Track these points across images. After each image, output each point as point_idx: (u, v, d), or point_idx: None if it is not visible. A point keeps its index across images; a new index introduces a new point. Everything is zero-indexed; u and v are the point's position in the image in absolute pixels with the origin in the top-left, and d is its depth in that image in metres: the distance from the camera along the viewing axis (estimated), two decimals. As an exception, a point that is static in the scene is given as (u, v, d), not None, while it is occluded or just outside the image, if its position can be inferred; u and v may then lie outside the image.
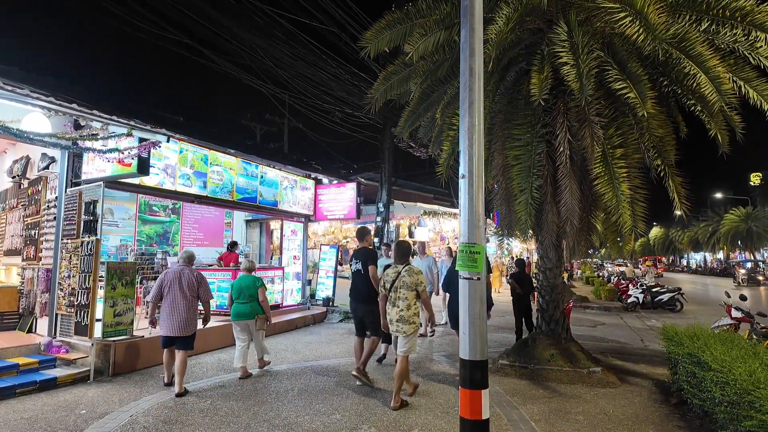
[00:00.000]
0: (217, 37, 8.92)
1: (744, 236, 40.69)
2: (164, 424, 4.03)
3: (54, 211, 6.44)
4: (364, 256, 5.21)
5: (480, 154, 2.79)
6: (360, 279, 5.18)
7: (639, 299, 13.38)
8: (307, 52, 9.45)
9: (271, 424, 4.06)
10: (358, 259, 5.28)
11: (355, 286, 5.32)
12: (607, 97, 5.27)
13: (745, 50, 4.91)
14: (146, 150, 5.85)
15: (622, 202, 4.99)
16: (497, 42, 4.72)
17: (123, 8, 8.01)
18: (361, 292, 5.16)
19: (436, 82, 6.28)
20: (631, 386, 5.36)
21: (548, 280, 6.20)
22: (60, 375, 5.23)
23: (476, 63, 2.82)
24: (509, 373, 5.72)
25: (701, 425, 4.12)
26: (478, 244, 2.76)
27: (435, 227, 19.50)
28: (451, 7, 5.49)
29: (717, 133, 5.33)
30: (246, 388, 5.12)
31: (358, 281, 5.25)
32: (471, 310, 2.75)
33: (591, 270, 28.65)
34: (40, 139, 5.46)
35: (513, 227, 6.10)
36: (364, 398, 4.78)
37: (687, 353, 4.51)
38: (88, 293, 5.62)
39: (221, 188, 8.44)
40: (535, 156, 5.42)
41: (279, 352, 6.88)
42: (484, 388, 2.68)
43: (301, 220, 11.05)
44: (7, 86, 4.86)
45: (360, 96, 9.41)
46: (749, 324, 6.58)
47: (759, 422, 3.06)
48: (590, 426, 4.12)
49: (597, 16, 5.00)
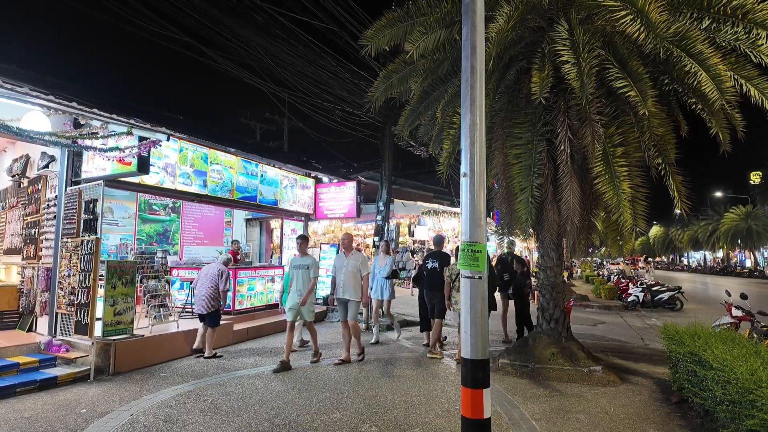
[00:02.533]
0: (218, 35, 8.90)
1: (744, 235, 40.71)
2: (165, 423, 4.03)
3: (54, 209, 6.43)
4: (440, 258, 6.82)
5: (482, 153, 2.79)
6: (436, 275, 6.67)
7: (639, 298, 13.39)
8: (308, 50, 9.44)
9: (271, 423, 4.06)
10: (435, 259, 6.83)
11: (431, 280, 6.72)
12: (608, 95, 5.26)
13: (746, 48, 4.90)
14: (146, 149, 5.84)
15: (623, 201, 4.98)
16: (498, 40, 4.71)
17: (123, 6, 7.99)
18: (437, 284, 6.63)
19: (437, 81, 6.27)
20: (632, 385, 5.36)
21: (549, 278, 6.19)
22: (60, 374, 5.22)
23: (478, 61, 2.81)
24: (510, 372, 5.72)
25: (702, 424, 4.12)
26: (479, 242, 2.75)
27: (435, 226, 19.48)
28: (451, 5, 5.47)
29: (718, 131, 5.33)
30: (246, 386, 5.12)
31: (434, 276, 6.69)
32: (473, 308, 2.74)
33: (591, 269, 28.66)
34: (39, 138, 5.45)
35: (513, 226, 6.10)
36: (365, 397, 4.77)
37: (688, 352, 4.51)
38: (89, 292, 5.61)
39: (221, 187, 8.44)
40: (535, 154, 5.41)
41: (278, 352, 6.87)
42: (485, 387, 2.68)
43: (301, 218, 11.05)
44: (6, 84, 4.85)
45: (360, 95, 9.40)
46: (750, 322, 6.58)
47: (761, 421, 3.06)
48: (591, 425, 4.12)
49: (598, 15, 4.99)
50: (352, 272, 6.24)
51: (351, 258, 6.34)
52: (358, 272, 6.28)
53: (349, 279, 6.21)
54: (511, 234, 6.65)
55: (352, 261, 6.32)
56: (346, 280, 6.21)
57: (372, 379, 5.42)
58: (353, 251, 6.47)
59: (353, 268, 6.26)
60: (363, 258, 6.47)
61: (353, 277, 6.22)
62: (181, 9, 8.05)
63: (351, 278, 6.21)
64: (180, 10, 8.01)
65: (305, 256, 6.25)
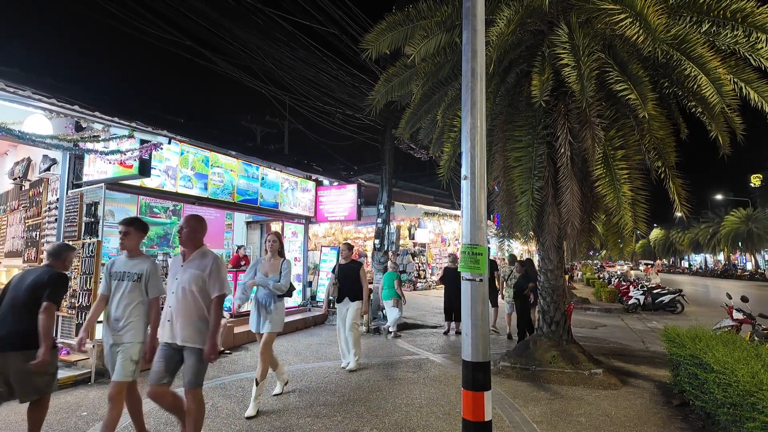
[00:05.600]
0: (218, 38, 8.93)
1: (744, 238, 40.68)
2: (165, 426, 4.03)
3: (55, 212, 6.44)
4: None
5: (482, 156, 2.79)
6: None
7: (640, 301, 13.38)
8: (308, 53, 9.47)
9: (272, 426, 4.06)
10: None
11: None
12: (608, 98, 5.28)
13: (746, 51, 4.92)
14: (147, 152, 5.86)
15: (623, 204, 4.99)
16: (498, 44, 4.73)
17: (124, 10, 8.01)
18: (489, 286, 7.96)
19: (438, 84, 6.29)
20: (633, 388, 5.35)
21: (549, 281, 6.19)
22: (61, 377, 5.20)
23: (478, 64, 2.83)
24: (510, 374, 5.72)
25: (703, 427, 4.11)
26: (480, 245, 2.76)
27: (435, 228, 19.50)
28: (452, 8, 5.49)
29: (718, 134, 5.34)
30: (247, 389, 5.11)
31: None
32: (473, 311, 2.74)
33: (592, 271, 28.63)
34: (41, 141, 5.47)
35: (514, 229, 6.11)
36: (366, 399, 4.77)
37: (689, 355, 4.51)
38: (90, 295, 5.62)
39: (222, 190, 8.45)
40: (536, 157, 5.43)
41: (279, 354, 6.86)
42: (486, 390, 2.68)
43: (301, 221, 11.05)
44: (9, 88, 4.86)
45: (361, 98, 9.41)
46: (751, 325, 6.57)
47: (761, 424, 3.06)
48: (592, 428, 4.12)
49: (598, 18, 5.01)
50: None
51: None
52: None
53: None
54: (511, 237, 6.65)
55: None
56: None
57: (373, 382, 5.42)
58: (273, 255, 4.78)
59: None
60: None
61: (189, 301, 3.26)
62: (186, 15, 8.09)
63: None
64: (181, 12, 8.05)
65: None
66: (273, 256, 4.79)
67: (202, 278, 3.20)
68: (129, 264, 3.47)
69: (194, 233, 3.37)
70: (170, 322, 3.21)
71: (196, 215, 3.52)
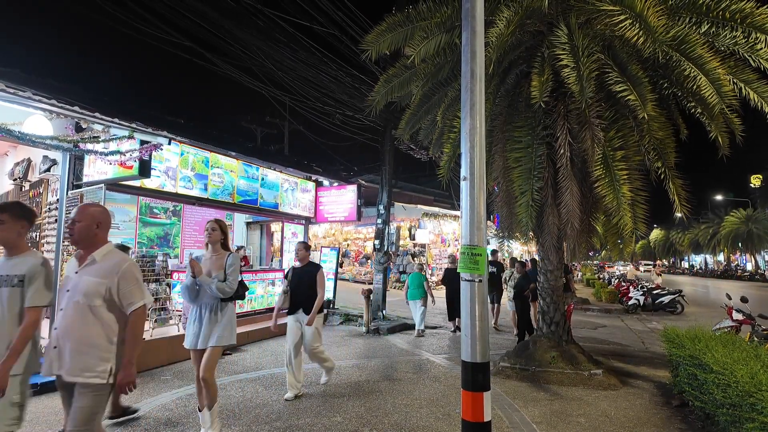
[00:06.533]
0: (219, 39, 8.93)
1: (744, 238, 40.70)
2: (165, 426, 4.03)
3: (55, 213, 6.45)
4: (496, 265, 9.38)
5: (481, 156, 2.80)
6: (493, 276, 9.15)
7: (640, 301, 13.38)
8: (308, 54, 9.47)
9: (272, 426, 4.06)
10: (494, 266, 9.24)
11: (489, 281, 7.44)
12: (608, 99, 5.29)
13: (745, 52, 4.93)
14: (148, 152, 5.86)
15: (623, 204, 5.00)
16: (498, 45, 4.74)
17: (125, 11, 8.02)
18: (495, 286, 9.27)
19: (437, 85, 6.29)
20: (633, 388, 5.35)
21: (549, 282, 6.20)
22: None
23: (478, 65, 2.83)
24: (510, 375, 5.72)
25: (703, 427, 4.11)
26: (479, 246, 2.76)
27: (435, 229, 19.51)
28: (452, 9, 5.50)
29: (717, 135, 5.34)
30: (247, 390, 5.11)
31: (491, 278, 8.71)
32: (472, 312, 2.75)
33: (592, 272, 28.63)
34: (41, 142, 5.47)
35: (514, 229, 6.11)
36: (366, 400, 4.77)
37: (688, 355, 4.51)
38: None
39: (222, 190, 8.45)
40: (535, 158, 5.44)
41: (279, 355, 6.87)
42: (486, 391, 2.68)
43: (301, 222, 11.06)
44: (9, 89, 4.87)
45: (361, 99, 9.42)
46: (750, 326, 6.58)
47: (761, 424, 3.06)
48: (592, 428, 4.12)
49: (597, 19, 5.02)
50: None
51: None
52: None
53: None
54: (511, 237, 6.65)
55: None
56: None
57: (372, 383, 5.42)
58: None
59: None
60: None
61: None
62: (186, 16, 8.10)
63: None
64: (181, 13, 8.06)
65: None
66: (215, 249, 3.79)
67: (106, 287, 2.39)
68: (8, 265, 2.50)
69: (90, 228, 2.46)
70: (57, 348, 2.40)
71: (94, 203, 2.84)
